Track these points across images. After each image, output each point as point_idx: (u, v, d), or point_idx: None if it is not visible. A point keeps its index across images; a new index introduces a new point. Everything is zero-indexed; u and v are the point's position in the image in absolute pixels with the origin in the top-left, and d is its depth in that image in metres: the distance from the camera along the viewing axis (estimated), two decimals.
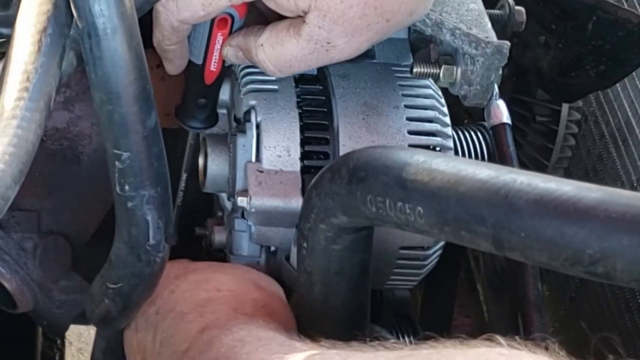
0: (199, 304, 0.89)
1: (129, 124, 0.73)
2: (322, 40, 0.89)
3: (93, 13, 0.69)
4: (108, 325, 0.91)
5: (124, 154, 0.74)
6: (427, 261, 1.02)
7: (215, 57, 0.95)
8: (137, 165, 0.75)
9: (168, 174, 0.79)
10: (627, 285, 0.66)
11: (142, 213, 0.78)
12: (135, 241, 0.80)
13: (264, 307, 0.89)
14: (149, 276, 0.83)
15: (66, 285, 0.99)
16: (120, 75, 0.71)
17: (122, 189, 0.76)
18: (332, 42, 0.88)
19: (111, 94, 0.72)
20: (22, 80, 0.67)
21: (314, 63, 0.92)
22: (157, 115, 0.75)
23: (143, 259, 0.81)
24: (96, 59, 0.70)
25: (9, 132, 0.64)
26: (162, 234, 0.80)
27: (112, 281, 0.84)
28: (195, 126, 1.01)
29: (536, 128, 1.42)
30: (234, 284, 0.91)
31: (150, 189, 0.77)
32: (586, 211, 0.61)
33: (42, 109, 0.67)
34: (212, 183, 1.02)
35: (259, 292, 0.91)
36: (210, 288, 0.90)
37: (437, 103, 1.01)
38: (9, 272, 0.95)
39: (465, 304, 1.65)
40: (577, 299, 1.46)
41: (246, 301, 0.89)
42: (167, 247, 0.81)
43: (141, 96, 0.73)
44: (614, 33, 1.20)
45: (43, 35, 0.69)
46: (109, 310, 0.87)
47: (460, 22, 0.97)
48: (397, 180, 0.71)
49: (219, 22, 0.92)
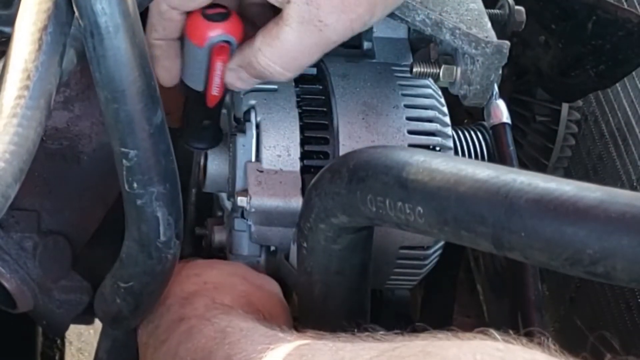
0: (183, 296, 0.89)
1: (135, 121, 0.73)
2: (313, 18, 0.84)
3: (95, 12, 0.68)
4: (120, 324, 0.91)
5: (131, 151, 0.74)
6: (427, 261, 1.02)
7: (216, 83, 0.92)
8: (144, 163, 0.75)
9: (176, 170, 0.79)
10: (627, 285, 0.66)
11: (151, 210, 0.78)
12: (145, 239, 0.80)
13: (244, 297, 0.90)
14: (161, 274, 0.83)
15: (66, 285, 0.99)
16: (125, 73, 0.71)
17: (131, 187, 0.76)
18: (323, 20, 0.84)
19: (116, 92, 0.72)
20: (23, 78, 0.67)
21: (314, 49, 0.87)
22: (163, 112, 0.75)
23: (154, 256, 0.81)
24: (100, 57, 0.70)
25: (9, 131, 0.64)
26: (172, 231, 0.80)
27: (124, 280, 0.84)
28: (202, 147, 1.00)
29: (536, 128, 1.42)
30: (221, 277, 0.92)
31: (159, 186, 0.77)
32: (586, 211, 0.61)
33: (43, 107, 0.67)
34: (212, 183, 1.02)
35: (244, 285, 0.92)
36: (199, 281, 0.91)
37: (437, 103, 1.01)
38: (9, 271, 0.94)
39: (465, 304, 1.65)
40: (577, 299, 1.46)
41: (227, 292, 0.90)
42: (177, 243, 0.81)
43: (146, 93, 0.73)
44: (614, 33, 1.20)
45: (43, 34, 0.69)
46: (120, 309, 0.87)
47: (460, 22, 0.97)
48: (397, 180, 0.71)
49: (217, 50, 0.89)
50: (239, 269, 0.96)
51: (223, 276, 0.93)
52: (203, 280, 0.92)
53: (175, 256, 0.82)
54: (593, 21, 1.20)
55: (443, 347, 0.62)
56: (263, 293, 0.93)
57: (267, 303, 0.91)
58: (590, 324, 1.40)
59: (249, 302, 0.89)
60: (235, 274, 0.94)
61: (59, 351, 1.70)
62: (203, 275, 0.93)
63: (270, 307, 0.91)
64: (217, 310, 0.85)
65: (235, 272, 0.95)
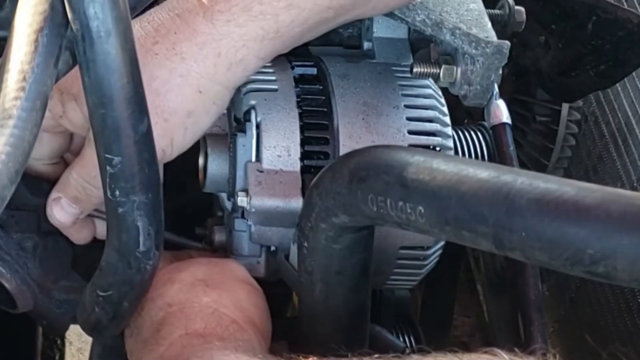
0: (154, 327, 0.87)
1: (121, 128, 0.73)
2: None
3: (87, 16, 0.68)
4: (100, 333, 0.90)
5: (115, 158, 0.74)
6: (427, 261, 1.02)
7: None
8: (128, 170, 0.75)
9: (160, 180, 0.79)
10: (627, 285, 0.66)
11: (132, 219, 0.77)
12: (125, 248, 0.79)
13: (213, 313, 0.87)
14: (139, 284, 0.82)
15: (66, 285, 0.99)
16: (113, 79, 0.71)
17: (113, 194, 0.76)
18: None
19: (104, 97, 0.71)
20: (19, 79, 0.67)
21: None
22: (149, 120, 0.75)
23: (133, 266, 0.81)
24: (89, 61, 0.70)
25: (5, 132, 0.64)
26: (152, 241, 0.79)
27: (102, 289, 0.84)
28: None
29: (536, 128, 1.43)
30: (182, 295, 0.89)
31: (141, 195, 0.76)
32: (587, 211, 0.61)
33: (39, 108, 0.67)
34: (212, 183, 1.02)
35: (207, 294, 0.89)
36: (164, 305, 0.88)
37: (437, 103, 1.01)
38: (9, 272, 0.94)
39: (465, 304, 1.65)
40: (577, 299, 1.46)
41: (195, 314, 0.86)
42: (157, 254, 0.81)
43: (134, 100, 0.73)
44: (614, 33, 1.20)
45: (39, 35, 0.68)
46: (99, 318, 0.86)
47: (460, 22, 0.97)
48: (398, 179, 0.71)
49: None
50: (197, 272, 0.93)
51: (184, 292, 0.90)
52: (167, 303, 0.88)
53: (155, 267, 0.82)
54: (593, 21, 1.20)
55: None
56: (228, 297, 0.90)
57: (235, 308, 0.89)
58: (590, 324, 1.40)
59: (219, 317, 0.87)
60: (195, 284, 0.91)
61: (59, 351, 1.70)
62: (165, 296, 0.89)
63: (240, 310, 0.89)
64: (194, 347, 0.83)
65: (195, 280, 0.91)
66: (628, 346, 1.28)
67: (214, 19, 0.85)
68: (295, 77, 1.01)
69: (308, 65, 1.02)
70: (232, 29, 0.85)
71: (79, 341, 1.76)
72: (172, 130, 0.88)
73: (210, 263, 0.96)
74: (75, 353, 1.76)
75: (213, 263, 0.96)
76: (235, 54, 0.86)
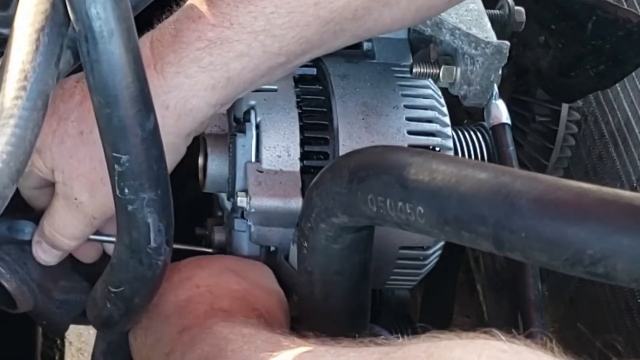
0: (179, 304, 0.89)
1: (127, 126, 0.73)
2: (70, 196, 0.88)
3: (90, 16, 0.68)
4: (110, 329, 0.91)
5: (122, 157, 0.74)
6: (427, 261, 1.02)
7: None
8: (136, 168, 0.75)
9: (168, 176, 0.79)
10: (627, 285, 0.66)
11: (142, 216, 0.77)
12: (136, 244, 0.80)
13: (241, 298, 0.89)
14: (151, 280, 0.83)
15: (66, 285, 0.99)
16: (118, 78, 0.71)
17: (122, 192, 0.76)
18: (78, 198, 0.87)
19: (109, 97, 0.72)
20: (20, 79, 0.67)
21: (79, 221, 0.90)
22: (155, 117, 0.75)
23: (144, 262, 0.81)
24: (93, 62, 0.70)
25: (6, 131, 0.64)
26: (163, 237, 0.80)
27: (114, 285, 0.84)
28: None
29: (536, 128, 1.43)
30: (212, 278, 0.91)
31: (150, 192, 0.76)
32: (587, 211, 0.61)
33: (40, 107, 0.67)
34: (212, 183, 1.02)
35: (238, 282, 0.91)
36: (191, 286, 0.90)
37: (437, 103, 1.01)
38: (9, 272, 0.95)
39: (465, 304, 1.65)
40: (577, 299, 1.46)
41: (223, 295, 0.89)
42: (168, 250, 0.81)
43: (139, 99, 0.73)
44: (614, 33, 1.20)
45: (41, 35, 0.69)
46: (111, 314, 0.87)
47: (459, 22, 0.97)
48: (397, 179, 0.71)
49: None
50: (228, 263, 0.95)
51: (214, 276, 0.92)
52: (195, 284, 0.91)
53: (166, 262, 0.82)
54: (593, 21, 1.20)
55: (447, 348, 0.61)
56: (259, 290, 0.92)
57: (264, 300, 0.91)
58: (590, 324, 1.40)
59: (247, 302, 0.89)
60: (225, 271, 0.93)
61: (59, 351, 1.70)
62: (194, 278, 0.92)
63: (267, 304, 0.90)
64: (217, 318, 0.84)
65: (226, 269, 0.94)
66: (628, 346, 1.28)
67: (164, 71, 0.85)
68: (295, 77, 1.01)
69: (308, 65, 1.02)
70: (182, 80, 0.85)
71: (78, 341, 1.76)
72: None
73: (242, 260, 0.98)
74: (75, 353, 1.76)
75: (245, 261, 0.98)
76: (184, 105, 0.86)
